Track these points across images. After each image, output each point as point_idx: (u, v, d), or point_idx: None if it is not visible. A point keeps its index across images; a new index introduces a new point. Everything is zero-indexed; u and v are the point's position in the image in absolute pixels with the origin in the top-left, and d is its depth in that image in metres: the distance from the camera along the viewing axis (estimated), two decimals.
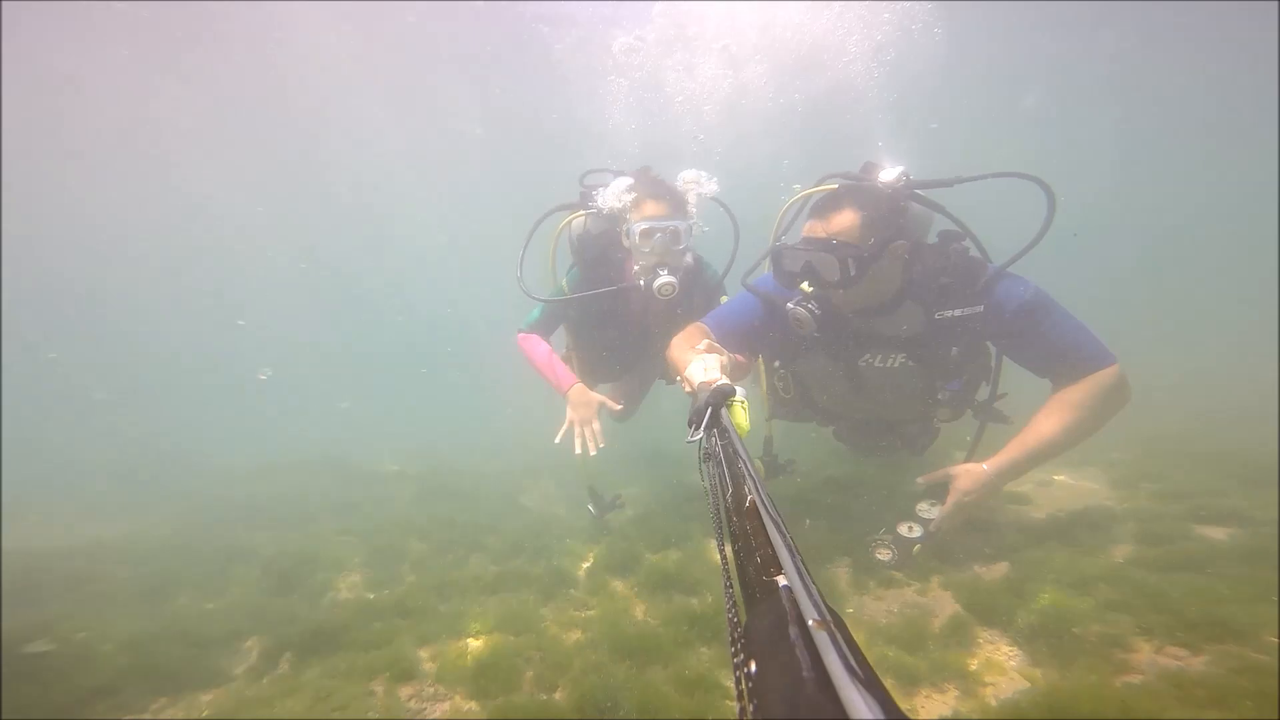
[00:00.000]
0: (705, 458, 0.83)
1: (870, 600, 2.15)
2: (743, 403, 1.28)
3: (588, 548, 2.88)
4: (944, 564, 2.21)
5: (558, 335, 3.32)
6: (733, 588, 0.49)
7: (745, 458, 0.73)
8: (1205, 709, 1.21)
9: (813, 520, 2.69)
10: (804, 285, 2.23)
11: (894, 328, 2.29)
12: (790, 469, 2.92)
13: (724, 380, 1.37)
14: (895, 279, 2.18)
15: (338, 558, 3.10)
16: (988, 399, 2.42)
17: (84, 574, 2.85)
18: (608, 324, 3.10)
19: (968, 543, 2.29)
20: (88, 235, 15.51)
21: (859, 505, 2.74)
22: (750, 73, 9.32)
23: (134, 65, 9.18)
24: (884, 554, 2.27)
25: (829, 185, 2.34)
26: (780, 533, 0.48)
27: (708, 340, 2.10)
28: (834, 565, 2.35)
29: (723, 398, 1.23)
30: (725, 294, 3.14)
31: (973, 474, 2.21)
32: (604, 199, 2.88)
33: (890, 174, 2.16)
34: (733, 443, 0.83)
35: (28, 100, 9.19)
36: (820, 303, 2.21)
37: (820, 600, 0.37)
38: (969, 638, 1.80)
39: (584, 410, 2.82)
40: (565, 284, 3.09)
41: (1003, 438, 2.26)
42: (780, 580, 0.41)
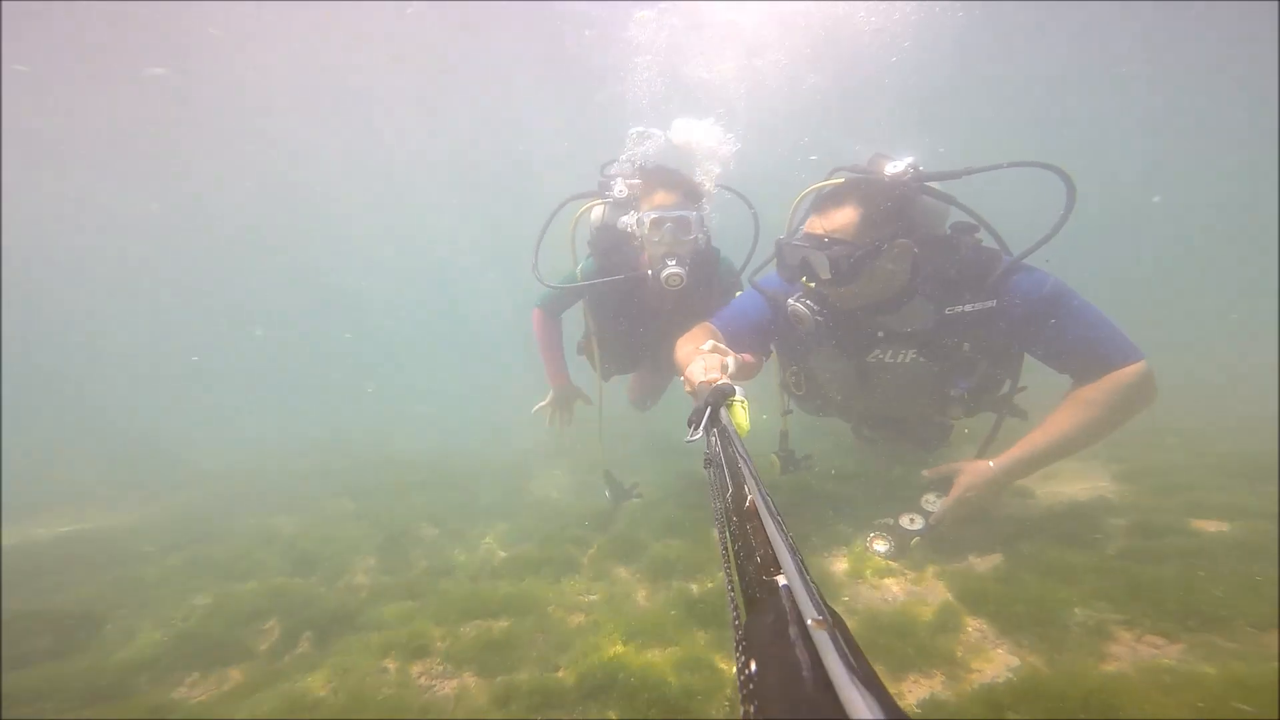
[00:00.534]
0: (707, 464, 0.83)
1: (866, 589, 2.20)
2: (743, 402, 1.28)
3: (593, 535, 2.96)
4: (939, 554, 2.25)
5: (579, 322, 3.40)
6: (733, 588, 0.49)
7: (745, 457, 0.74)
8: (1171, 693, 1.26)
9: (814, 510, 2.74)
10: (805, 281, 2.20)
11: (903, 323, 2.24)
12: (808, 464, 2.91)
13: (724, 380, 1.38)
14: (900, 276, 2.13)
15: (353, 542, 3.23)
16: (1006, 394, 2.35)
17: (114, 556, 3.01)
18: (623, 314, 3.13)
19: (965, 534, 2.31)
20: (101, 231, 15.89)
21: (861, 496, 2.77)
22: (768, 60, 9.20)
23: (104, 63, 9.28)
24: (881, 544, 2.30)
25: (837, 179, 2.30)
26: (780, 532, 0.48)
27: (712, 340, 2.09)
28: (832, 554, 2.41)
29: (722, 397, 1.24)
30: (742, 289, 3.14)
31: (978, 470, 2.20)
32: (618, 188, 2.93)
33: (897, 167, 2.10)
34: (732, 442, 0.84)
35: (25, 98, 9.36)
36: (818, 299, 2.19)
37: (820, 600, 0.37)
38: (958, 625, 1.85)
39: (562, 402, 3.60)
40: (579, 272, 3.13)
41: (1021, 433, 2.23)
42: (780, 580, 0.41)
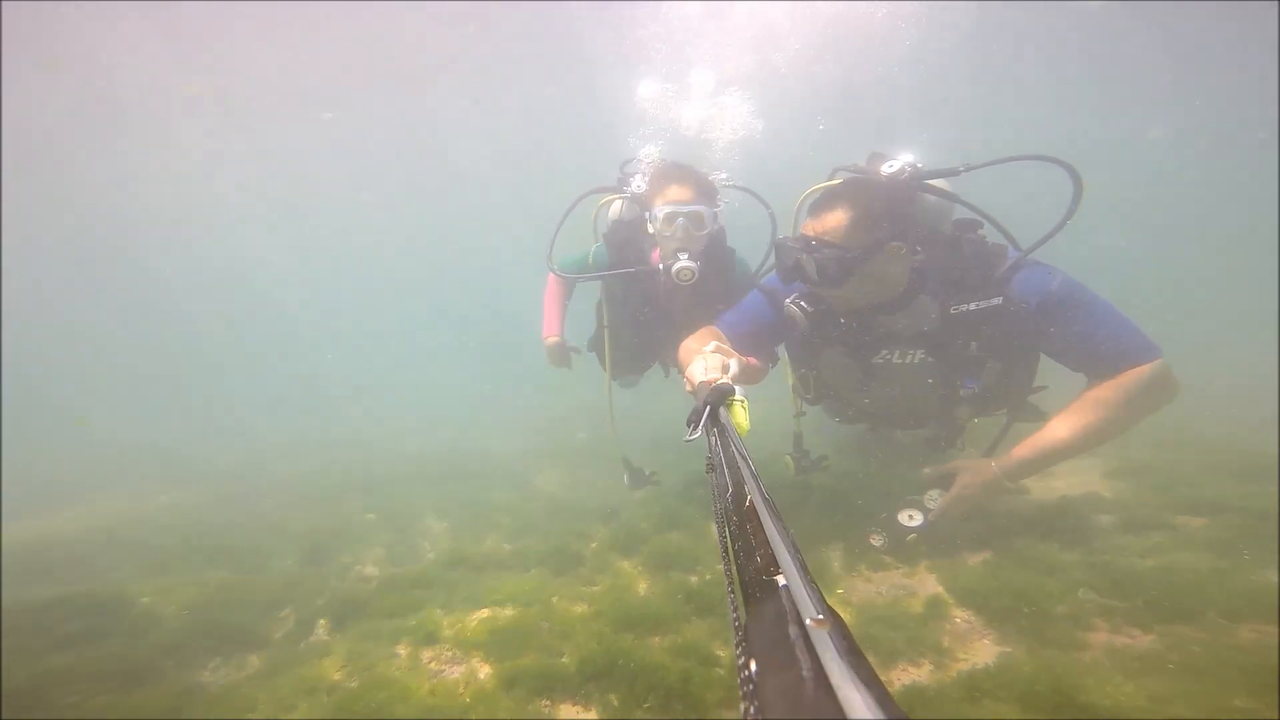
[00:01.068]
0: (710, 468, 0.81)
1: (860, 582, 2.26)
2: (743, 402, 1.28)
3: (596, 529, 3.04)
4: (932, 549, 2.29)
5: (590, 320, 3.40)
6: (734, 588, 0.48)
7: (745, 457, 0.74)
8: (1135, 679, 1.33)
9: (812, 505, 2.79)
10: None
11: (910, 324, 2.21)
12: (823, 465, 2.90)
13: (724, 380, 1.38)
14: (898, 277, 2.10)
15: (363, 535, 3.33)
16: (1019, 394, 2.30)
17: (132, 548, 3.12)
18: (635, 310, 3.13)
19: (960, 529, 2.33)
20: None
21: (861, 492, 2.80)
22: (779, 59, 9.16)
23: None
24: (877, 539, 2.33)
25: (836, 180, 2.27)
26: (780, 532, 0.48)
27: (716, 342, 2.05)
28: (829, 548, 2.47)
29: (721, 397, 1.23)
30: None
31: (979, 470, 2.18)
32: (636, 182, 2.93)
33: (893, 166, 2.06)
34: (732, 442, 0.84)
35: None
36: (812, 300, 2.18)
37: (820, 599, 0.37)
38: (946, 616, 1.92)
39: (556, 357, 3.52)
40: (590, 256, 3.14)
41: (1031, 432, 2.21)
42: (780, 579, 0.41)
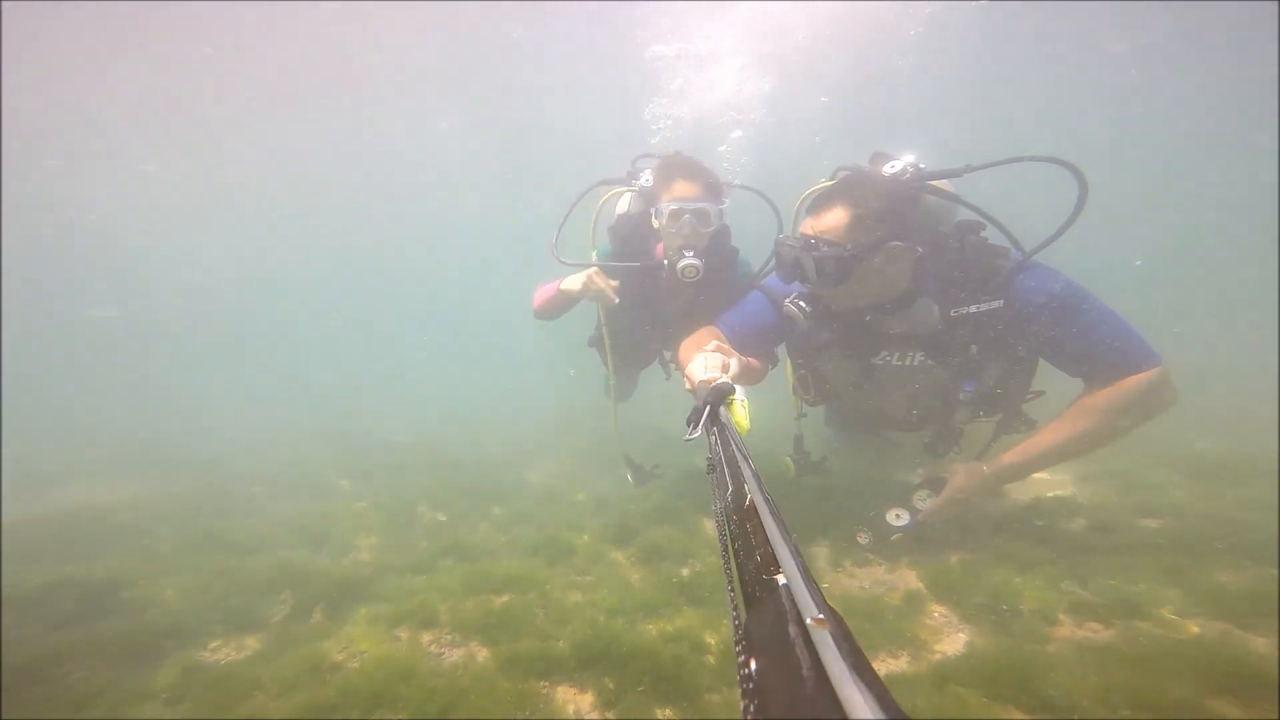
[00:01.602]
0: (710, 468, 0.81)
1: (844, 577, 2.34)
2: (743, 401, 1.28)
3: (587, 521, 3.09)
4: (914, 547, 2.36)
5: (591, 315, 3.33)
6: (733, 586, 0.49)
7: (745, 456, 0.74)
8: (1095, 669, 1.43)
9: (801, 502, 2.87)
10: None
11: (910, 325, 2.18)
12: (824, 467, 2.89)
13: (723, 379, 1.39)
14: (899, 277, 2.08)
15: (356, 522, 3.36)
16: (1014, 399, 2.30)
17: (128, 531, 3.12)
18: (637, 306, 3.08)
19: (941, 530, 2.38)
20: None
21: (852, 490, 2.86)
22: (787, 59, 9.20)
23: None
24: (863, 538, 2.37)
25: (823, 184, 2.27)
26: (780, 531, 0.48)
27: (716, 342, 2.07)
28: (816, 544, 2.54)
29: (721, 396, 1.24)
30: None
31: (971, 473, 2.19)
32: (644, 177, 2.91)
33: (895, 166, 2.05)
34: (732, 441, 0.85)
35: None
36: (810, 300, 2.16)
37: (820, 599, 0.37)
38: (924, 611, 2.02)
39: (587, 281, 2.84)
40: (594, 255, 3.10)
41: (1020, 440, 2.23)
42: (780, 579, 0.41)
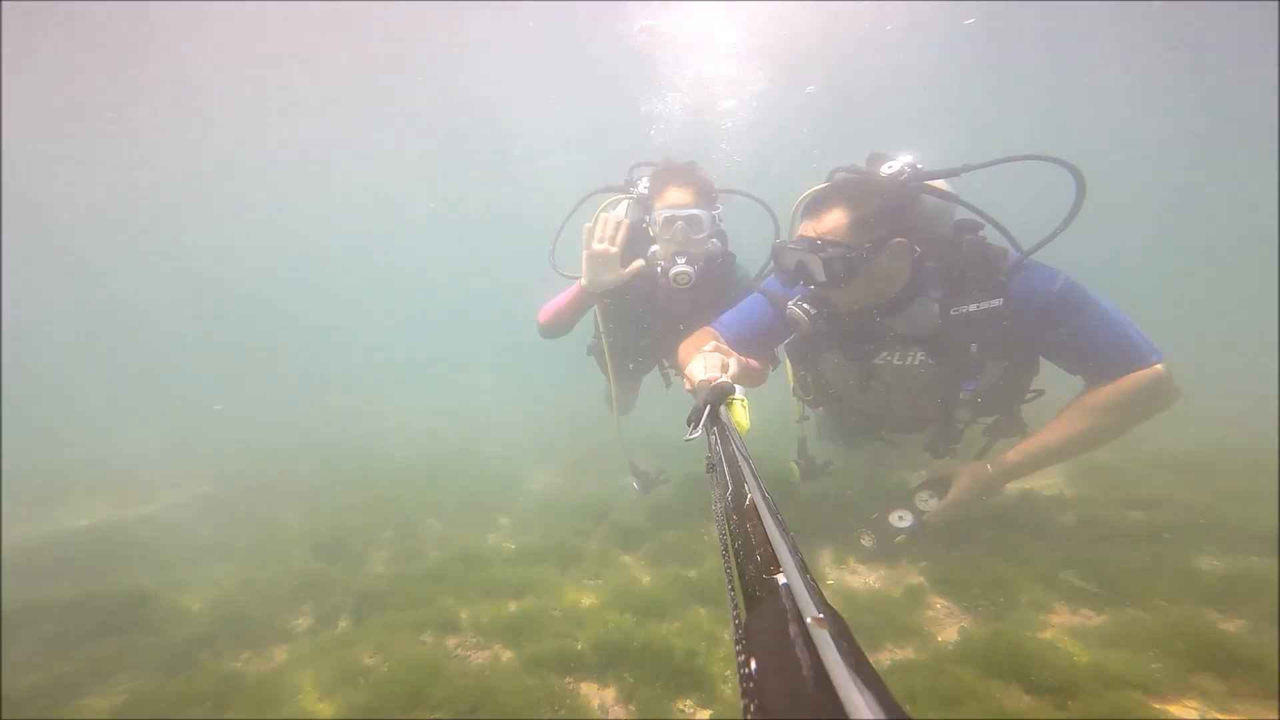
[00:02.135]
0: (710, 468, 0.82)
1: (848, 574, 2.42)
2: (742, 401, 1.28)
3: (594, 527, 3.16)
4: (916, 546, 2.38)
5: (587, 324, 3.30)
6: (733, 586, 0.48)
7: (745, 456, 0.74)
8: (1085, 650, 1.54)
9: (802, 501, 2.95)
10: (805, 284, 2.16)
11: (909, 325, 2.19)
12: (828, 471, 2.89)
13: (723, 379, 1.38)
14: (899, 276, 2.09)
15: (365, 534, 3.42)
16: (1016, 397, 2.31)
17: (140, 546, 3.17)
18: (633, 314, 3.08)
19: (944, 529, 2.35)
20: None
21: (855, 491, 2.90)
22: (773, 62, 9.31)
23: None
24: (867, 540, 2.37)
25: (819, 187, 2.24)
26: (780, 531, 0.49)
27: (715, 342, 2.08)
28: (817, 544, 2.59)
29: (721, 395, 1.24)
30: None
31: (976, 473, 2.20)
32: (640, 185, 2.92)
33: (893, 167, 2.06)
34: (732, 440, 0.85)
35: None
36: (815, 302, 2.14)
37: (820, 599, 0.37)
38: (925, 604, 2.10)
39: (600, 266, 2.77)
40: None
41: (1035, 427, 2.24)
42: (780, 579, 0.41)
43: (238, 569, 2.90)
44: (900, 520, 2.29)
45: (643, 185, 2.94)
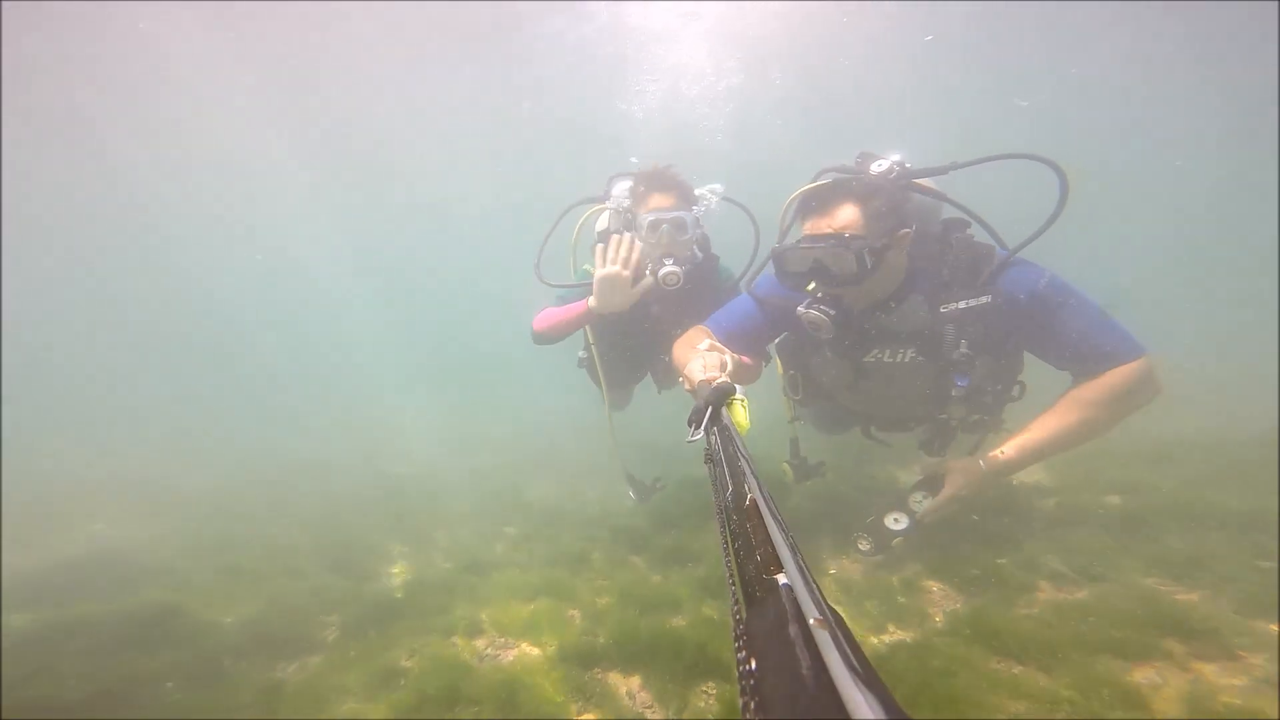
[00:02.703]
0: (707, 459, 0.83)
1: (848, 563, 2.52)
2: (743, 401, 1.28)
3: (599, 532, 3.26)
4: (914, 544, 2.44)
5: (577, 337, 3.27)
6: (734, 585, 0.49)
7: (745, 456, 0.75)
8: (1067, 621, 1.72)
9: (798, 496, 3.07)
10: (808, 286, 2.17)
11: (900, 322, 2.21)
12: (821, 471, 2.92)
13: (723, 379, 1.38)
14: (901, 270, 2.13)
15: (376, 549, 3.49)
16: (1004, 392, 2.34)
17: (159, 565, 3.22)
18: (622, 323, 3.08)
19: (941, 529, 2.39)
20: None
21: (852, 489, 3.02)
22: (754, 65, 9.38)
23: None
24: (864, 544, 2.38)
25: (825, 180, 2.19)
26: (780, 531, 0.49)
27: (709, 340, 2.07)
28: (815, 539, 2.69)
29: (722, 396, 1.23)
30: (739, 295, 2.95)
31: (969, 471, 2.21)
32: (617, 196, 2.95)
33: (882, 165, 2.07)
34: (733, 441, 0.85)
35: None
36: (831, 302, 2.11)
37: (821, 599, 0.37)
38: (926, 589, 2.23)
39: (610, 289, 2.76)
40: (574, 276, 3.11)
41: (1018, 424, 2.28)
42: (780, 578, 0.41)
43: (255, 585, 2.97)
44: (895, 522, 2.31)
45: (621, 194, 2.96)
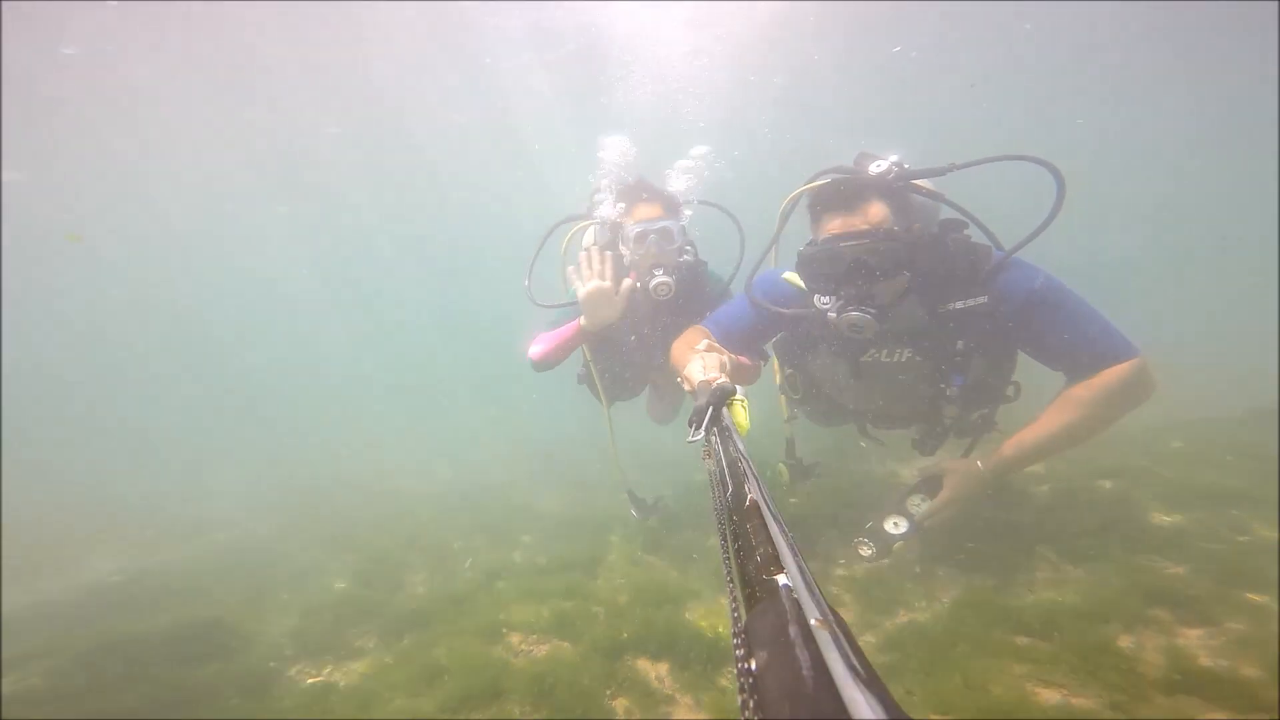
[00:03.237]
0: (706, 455, 0.83)
1: (850, 554, 2.64)
2: (743, 401, 1.27)
3: (611, 537, 3.38)
4: (914, 544, 2.50)
5: (576, 355, 3.25)
6: (734, 585, 0.49)
7: (745, 456, 0.75)
8: (1065, 595, 1.86)
9: (802, 500, 3.18)
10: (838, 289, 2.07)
11: (898, 322, 2.19)
12: (817, 471, 2.92)
13: (723, 379, 1.37)
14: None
15: (399, 563, 3.60)
16: (998, 392, 2.33)
17: (185, 588, 3.32)
18: (616, 337, 3.09)
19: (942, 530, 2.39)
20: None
21: (850, 488, 3.09)
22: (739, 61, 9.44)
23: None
24: (865, 549, 2.36)
25: (824, 180, 2.15)
26: (781, 531, 0.49)
27: (708, 340, 2.06)
28: (816, 538, 2.76)
29: (723, 396, 1.23)
30: (730, 298, 2.97)
31: (968, 472, 2.22)
32: (602, 209, 2.93)
33: (880, 165, 2.04)
34: (733, 441, 0.85)
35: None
36: (867, 300, 2.02)
37: (821, 599, 0.37)
38: (930, 574, 2.37)
39: (597, 303, 2.77)
40: (568, 296, 3.05)
41: (1012, 426, 2.30)
42: (780, 579, 0.42)
43: (288, 600, 3.08)
44: (895, 527, 2.31)
45: (605, 208, 2.95)
